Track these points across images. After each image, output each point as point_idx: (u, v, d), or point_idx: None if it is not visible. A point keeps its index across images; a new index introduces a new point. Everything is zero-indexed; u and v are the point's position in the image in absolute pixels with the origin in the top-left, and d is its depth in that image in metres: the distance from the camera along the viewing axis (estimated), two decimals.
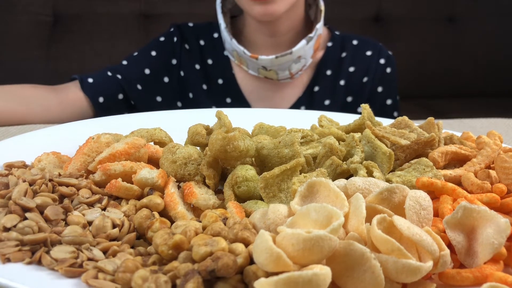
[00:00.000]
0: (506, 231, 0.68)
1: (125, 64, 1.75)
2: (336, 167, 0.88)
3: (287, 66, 1.67)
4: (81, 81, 1.65)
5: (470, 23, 2.84)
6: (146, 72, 1.75)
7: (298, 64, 1.68)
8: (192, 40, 1.80)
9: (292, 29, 1.73)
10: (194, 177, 0.87)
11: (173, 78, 1.78)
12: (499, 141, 1.00)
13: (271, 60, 1.63)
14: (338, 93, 1.78)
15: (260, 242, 0.58)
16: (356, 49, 1.82)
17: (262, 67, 1.68)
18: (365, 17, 2.81)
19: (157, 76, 1.77)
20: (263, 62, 1.65)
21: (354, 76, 1.79)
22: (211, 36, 1.81)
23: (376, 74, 1.80)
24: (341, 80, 1.78)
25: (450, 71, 2.83)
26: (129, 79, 1.72)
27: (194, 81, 1.78)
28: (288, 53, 1.62)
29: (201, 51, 1.80)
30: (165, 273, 0.60)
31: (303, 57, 1.67)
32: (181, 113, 1.37)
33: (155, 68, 1.76)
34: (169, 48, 1.79)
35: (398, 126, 1.04)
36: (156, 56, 1.77)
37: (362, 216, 0.66)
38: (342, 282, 0.61)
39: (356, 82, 1.80)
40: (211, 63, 1.79)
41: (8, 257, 0.65)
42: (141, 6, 2.75)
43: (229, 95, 1.79)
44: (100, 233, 0.71)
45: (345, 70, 1.79)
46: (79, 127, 1.16)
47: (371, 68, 1.80)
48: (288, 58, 1.64)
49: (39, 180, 0.78)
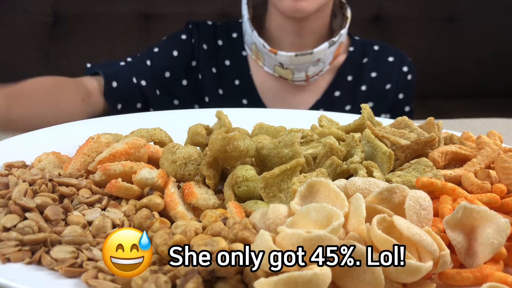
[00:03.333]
0: (506, 231, 0.68)
1: (149, 65, 1.71)
2: (336, 167, 0.88)
3: (304, 68, 1.65)
4: (106, 84, 1.60)
5: (470, 23, 2.84)
6: (166, 75, 1.73)
7: (316, 68, 1.67)
8: (210, 39, 1.77)
9: (316, 32, 1.72)
10: (194, 177, 0.87)
11: (191, 80, 1.76)
12: (499, 141, 1.00)
13: (290, 57, 1.62)
14: (359, 99, 1.75)
15: (260, 242, 0.58)
16: (378, 55, 1.81)
17: (279, 64, 1.66)
18: (365, 17, 2.81)
19: (177, 78, 1.75)
20: (281, 59, 1.63)
21: (376, 82, 1.78)
22: (230, 36, 1.79)
23: (399, 81, 1.80)
24: (362, 85, 1.77)
25: (450, 71, 2.82)
26: (152, 86, 1.70)
27: (210, 84, 1.76)
28: (309, 53, 1.61)
29: (219, 52, 1.77)
30: (165, 273, 0.60)
31: (322, 61, 1.66)
32: (181, 113, 1.37)
33: (176, 69, 1.74)
34: (189, 48, 1.76)
35: (398, 126, 1.04)
36: (178, 57, 1.75)
37: (362, 216, 0.66)
38: (342, 282, 0.61)
39: (378, 88, 1.78)
40: (228, 64, 1.77)
41: (8, 257, 0.65)
42: (141, 6, 2.75)
43: (246, 96, 1.77)
44: (100, 233, 0.71)
45: (366, 76, 1.77)
46: (79, 127, 1.16)
47: (393, 75, 1.79)
48: (307, 59, 1.62)
49: (39, 180, 0.78)
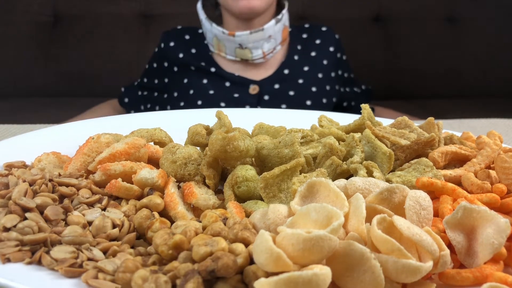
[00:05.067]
0: (506, 231, 0.68)
1: (145, 81, 2.12)
2: (336, 167, 0.88)
3: (260, 45, 1.90)
4: (120, 101, 2.13)
5: (470, 23, 2.83)
6: (155, 82, 2.09)
7: (270, 44, 1.92)
8: (185, 49, 2.03)
9: (266, 15, 1.94)
10: (194, 177, 0.87)
11: (175, 84, 2.02)
12: (499, 141, 1.00)
13: (246, 36, 1.86)
14: (313, 60, 2.02)
15: (260, 242, 0.58)
16: (307, 39, 2.07)
17: (238, 46, 1.90)
18: (365, 17, 2.81)
19: (164, 84, 2.08)
20: (240, 39, 1.87)
21: (315, 60, 2.03)
22: (201, 42, 2.04)
23: (331, 60, 2.06)
24: (305, 66, 2.02)
25: (450, 71, 2.82)
26: (150, 94, 2.11)
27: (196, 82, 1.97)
28: (260, 30, 1.86)
29: (193, 57, 2.01)
30: (165, 273, 0.60)
31: (273, 37, 1.91)
32: (181, 113, 1.37)
33: (161, 78, 2.09)
34: (166, 57, 2.05)
35: (398, 126, 1.04)
36: (158, 67, 2.08)
37: (362, 216, 0.66)
38: (342, 282, 0.61)
39: (319, 65, 2.03)
40: (204, 65, 1.98)
41: (8, 257, 0.65)
42: (141, 6, 2.75)
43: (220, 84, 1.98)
44: (100, 233, 0.71)
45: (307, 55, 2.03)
46: (79, 127, 1.16)
47: (326, 56, 2.05)
48: (260, 35, 1.87)
49: (39, 180, 0.78)
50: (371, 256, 0.60)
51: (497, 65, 2.83)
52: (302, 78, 1.98)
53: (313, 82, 1.98)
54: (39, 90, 2.69)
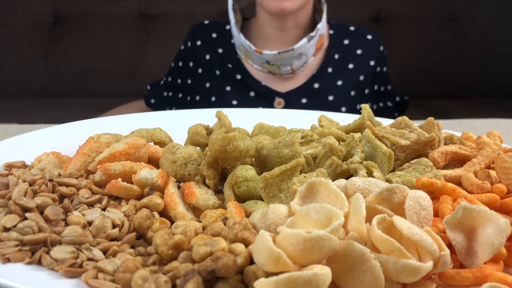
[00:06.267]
0: (506, 231, 0.68)
1: (169, 80, 2.03)
2: (336, 167, 0.88)
3: (289, 62, 1.80)
4: (147, 101, 2.05)
5: (470, 23, 2.83)
6: (178, 82, 2.01)
7: (299, 61, 1.81)
8: (212, 49, 1.93)
9: (300, 25, 1.87)
10: (194, 177, 0.87)
11: (196, 82, 1.95)
12: (499, 141, 1.00)
13: (273, 55, 1.77)
14: (348, 75, 1.89)
15: (260, 242, 0.58)
16: (356, 34, 1.95)
17: (266, 62, 1.81)
18: (365, 17, 2.81)
19: (187, 83, 2.00)
20: (267, 57, 1.79)
21: (361, 58, 1.92)
22: (229, 42, 1.94)
23: (379, 58, 1.95)
24: (350, 63, 1.90)
25: (450, 71, 2.82)
26: (174, 94, 2.04)
27: (218, 83, 1.91)
28: (290, 50, 1.76)
29: (220, 58, 1.92)
30: (165, 273, 0.60)
31: (304, 54, 1.80)
32: (181, 113, 1.37)
33: (184, 77, 2.01)
34: (192, 55, 1.96)
35: (398, 126, 1.04)
36: (183, 66, 1.99)
37: (362, 216, 0.66)
38: (342, 282, 0.61)
39: (364, 64, 1.91)
40: (230, 67, 1.89)
41: (8, 257, 0.65)
42: (141, 6, 2.75)
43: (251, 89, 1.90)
44: (100, 233, 0.71)
45: (352, 54, 1.91)
46: (79, 127, 1.16)
47: (374, 52, 1.93)
48: (289, 55, 1.77)
49: (39, 180, 0.78)
50: (371, 256, 0.60)
51: (497, 65, 2.83)
52: (333, 95, 1.85)
53: (345, 101, 1.85)
54: (39, 90, 2.69)
